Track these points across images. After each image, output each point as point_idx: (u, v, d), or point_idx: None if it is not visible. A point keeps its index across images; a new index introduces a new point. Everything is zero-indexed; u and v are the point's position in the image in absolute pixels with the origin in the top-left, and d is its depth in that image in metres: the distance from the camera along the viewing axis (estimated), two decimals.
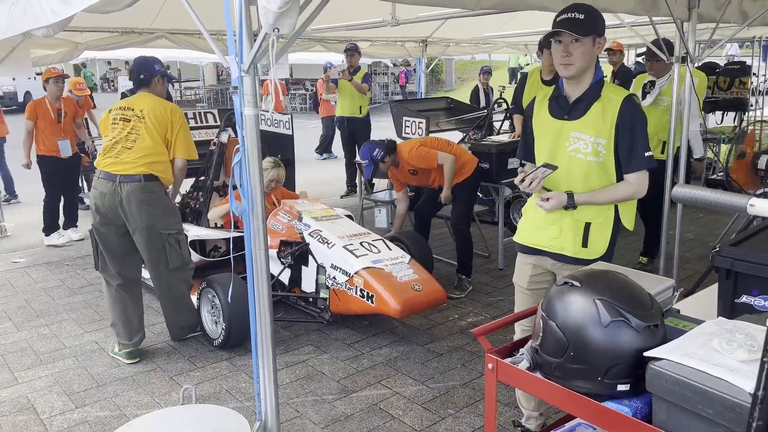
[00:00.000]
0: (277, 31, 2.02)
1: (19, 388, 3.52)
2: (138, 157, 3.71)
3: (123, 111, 3.82)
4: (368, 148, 5.02)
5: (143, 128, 3.75)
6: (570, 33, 2.33)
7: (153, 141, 3.74)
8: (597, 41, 2.37)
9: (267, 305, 2.47)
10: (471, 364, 3.69)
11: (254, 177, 2.33)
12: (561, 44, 2.39)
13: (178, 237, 3.86)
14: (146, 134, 3.74)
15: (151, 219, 3.72)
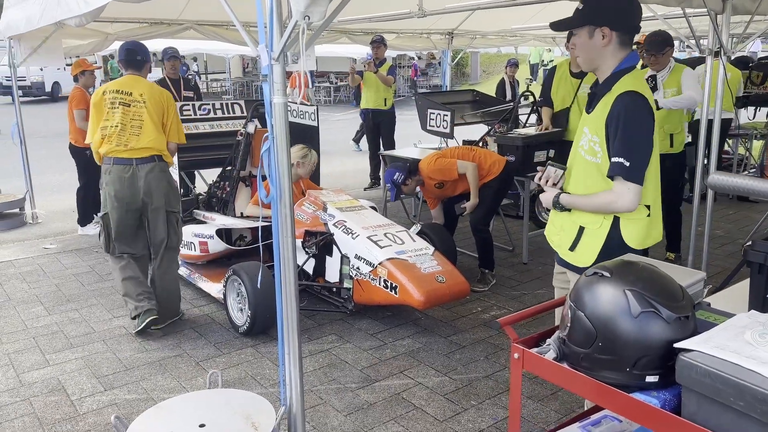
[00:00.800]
0: (308, 19, 2.04)
1: (50, 370, 3.61)
2: (148, 140, 3.89)
3: (121, 95, 3.93)
4: (390, 173, 5.06)
5: (146, 113, 3.90)
6: (556, 27, 2.34)
7: (155, 125, 3.92)
8: (595, 32, 2.17)
9: (293, 293, 2.49)
10: (494, 356, 3.68)
11: (282, 165, 2.35)
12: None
13: (178, 216, 4.14)
14: (149, 119, 3.90)
15: (166, 198, 3.95)
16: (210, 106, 5.92)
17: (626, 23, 2.20)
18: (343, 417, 3.09)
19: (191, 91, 7.11)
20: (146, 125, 3.89)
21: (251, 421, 2.46)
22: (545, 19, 8.45)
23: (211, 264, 4.96)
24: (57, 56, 6.71)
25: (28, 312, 4.43)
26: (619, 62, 2.23)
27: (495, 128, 7.17)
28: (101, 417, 3.11)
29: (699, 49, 4.22)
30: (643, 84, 2.23)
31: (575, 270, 2.35)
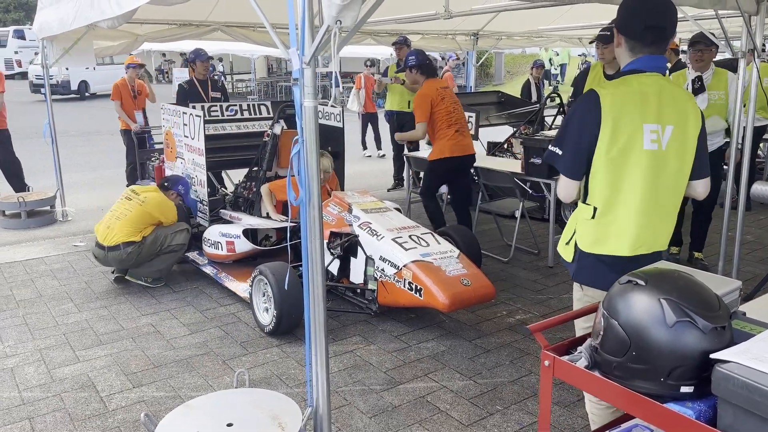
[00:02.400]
0: (339, 24, 2.05)
1: (80, 366, 3.67)
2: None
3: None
4: (415, 54, 5.56)
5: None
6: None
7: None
8: (614, 34, 2.23)
9: (321, 293, 2.50)
10: (519, 361, 3.66)
11: (312, 167, 2.37)
12: None
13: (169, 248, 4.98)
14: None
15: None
16: (237, 107, 5.98)
17: (631, 28, 2.14)
18: (367, 419, 3.10)
19: (218, 92, 7.19)
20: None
21: (278, 421, 2.48)
22: (572, 19, 8.41)
23: (237, 263, 5.01)
24: (88, 57, 6.83)
25: (58, 308, 4.51)
26: (626, 64, 2.21)
27: (520, 130, 7.14)
28: (130, 414, 3.16)
29: (732, 51, 4.14)
30: (616, 86, 2.13)
31: (565, 264, 2.38)
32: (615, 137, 2.07)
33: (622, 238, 2.14)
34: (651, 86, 2.11)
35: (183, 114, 5.30)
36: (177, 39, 7.30)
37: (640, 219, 2.12)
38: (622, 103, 2.08)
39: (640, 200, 2.11)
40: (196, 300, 4.65)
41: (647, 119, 2.09)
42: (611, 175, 2.10)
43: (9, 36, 31.81)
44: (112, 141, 12.02)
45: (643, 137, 2.09)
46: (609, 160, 2.09)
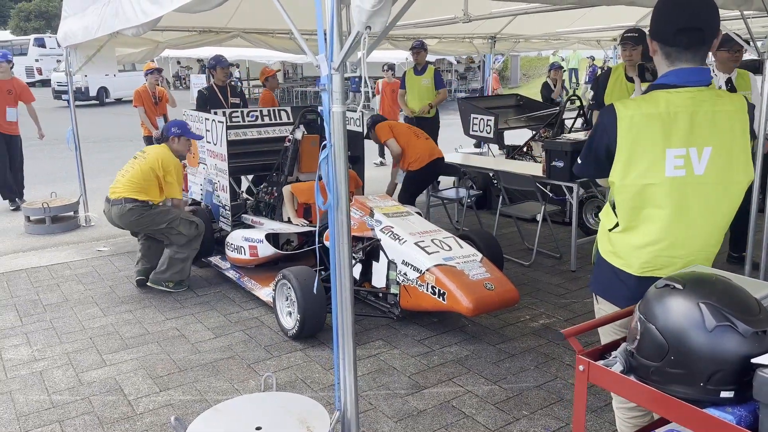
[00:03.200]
0: (369, 30, 2.06)
1: (107, 370, 3.72)
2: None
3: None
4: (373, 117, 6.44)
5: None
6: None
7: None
8: (650, 42, 2.09)
9: (349, 298, 2.52)
10: (545, 366, 3.63)
11: (340, 172, 2.38)
12: None
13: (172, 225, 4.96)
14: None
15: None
16: (258, 112, 6.03)
17: (663, 32, 1.98)
18: (393, 423, 3.10)
19: (237, 98, 7.25)
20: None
21: (306, 425, 2.49)
22: (590, 22, 8.36)
23: (259, 268, 5.04)
24: (111, 64, 6.93)
25: (84, 313, 4.57)
26: (660, 76, 2.04)
27: (540, 133, 7.11)
28: (158, 417, 3.19)
29: (758, 52, 4.09)
30: (639, 105, 1.96)
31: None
32: (631, 164, 1.96)
33: (633, 258, 2.04)
34: (682, 105, 1.92)
35: (205, 120, 5.36)
36: (197, 46, 7.38)
37: (657, 246, 1.99)
38: (640, 127, 1.94)
39: (660, 228, 1.97)
40: (220, 304, 4.69)
41: (672, 144, 1.92)
42: (630, 201, 2.00)
43: (30, 44, 32.41)
44: (132, 147, 12.16)
45: (665, 163, 1.93)
46: (625, 187, 1.99)
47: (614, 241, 2.08)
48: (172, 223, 4.83)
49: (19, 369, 3.73)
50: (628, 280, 2.04)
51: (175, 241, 4.88)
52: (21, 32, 47.38)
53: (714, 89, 2.01)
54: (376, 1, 1.96)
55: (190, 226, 4.92)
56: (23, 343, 4.08)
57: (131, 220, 4.81)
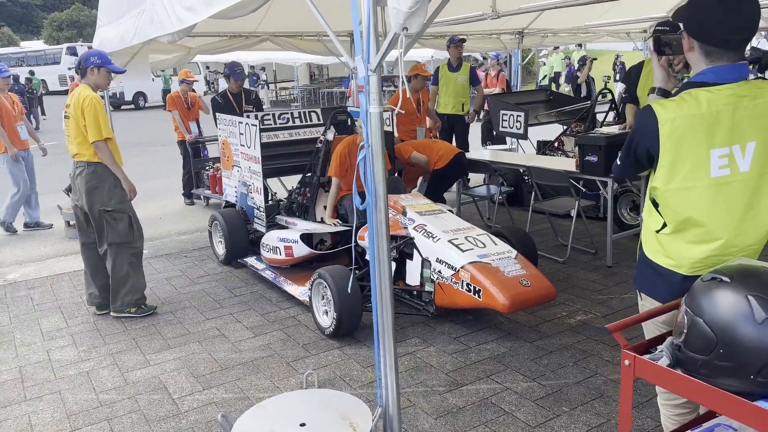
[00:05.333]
0: (406, 30, 2.08)
1: (151, 369, 3.82)
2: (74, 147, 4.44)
3: (66, 108, 4.47)
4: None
5: (71, 122, 4.38)
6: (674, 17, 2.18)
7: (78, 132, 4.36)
8: (684, 34, 2.03)
9: (389, 296, 2.54)
10: (583, 362, 3.61)
11: (378, 173, 2.41)
12: None
13: (114, 215, 4.46)
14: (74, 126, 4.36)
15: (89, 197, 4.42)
16: (289, 114, 6.10)
17: (708, 33, 1.92)
18: (433, 420, 3.12)
19: (251, 105, 7.33)
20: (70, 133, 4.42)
21: (349, 421, 2.53)
22: (619, 14, 8.25)
23: (293, 267, 5.11)
24: (144, 71, 7.06)
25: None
26: (696, 74, 2.00)
27: (572, 127, 7.04)
28: (202, 415, 3.27)
29: None
30: (679, 105, 1.91)
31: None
32: (675, 168, 1.93)
33: (685, 259, 2.00)
34: (724, 103, 1.89)
35: (239, 123, 5.45)
36: (228, 50, 7.48)
37: (708, 246, 1.96)
38: (683, 130, 1.90)
39: (710, 229, 1.94)
40: (257, 304, 4.76)
41: (715, 144, 1.89)
42: (676, 205, 1.97)
43: (63, 53, 33.24)
44: (164, 151, 12.43)
45: (710, 164, 1.90)
46: (670, 191, 1.96)
47: (663, 242, 2.05)
48: (117, 211, 4.41)
49: (67, 369, 3.86)
50: (674, 279, 2.03)
51: (108, 238, 4.43)
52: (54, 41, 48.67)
53: (752, 81, 1.96)
54: (413, 3, 1.98)
55: (129, 228, 4.49)
56: (70, 344, 4.21)
57: (85, 189, 4.36)
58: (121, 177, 4.46)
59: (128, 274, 4.54)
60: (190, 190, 8.37)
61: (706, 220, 1.95)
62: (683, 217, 1.98)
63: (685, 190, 1.95)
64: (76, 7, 57.43)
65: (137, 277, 4.61)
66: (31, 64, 34.34)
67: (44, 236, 7.16)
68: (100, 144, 4.31)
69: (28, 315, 4.78)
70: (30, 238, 7.10)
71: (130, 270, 4.55)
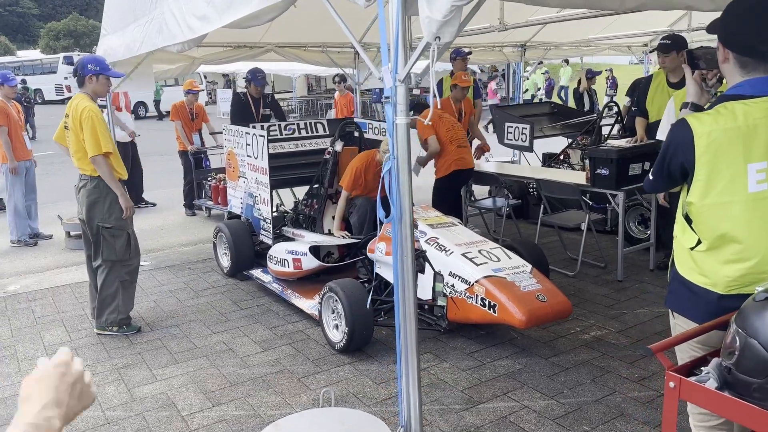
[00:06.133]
0: (438, 40, 2.04)
1: (158, 385, 3.72)
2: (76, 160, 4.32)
3: (65, 118, 4.34)
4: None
5: (71, 134, 4.27)
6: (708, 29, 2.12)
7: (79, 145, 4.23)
8: (718, 44, 1.99)
9: (413, 312, 2.48)
10: (601, 380, 3.54)
11: (404, 185, 2.35)
12: None
13: (112, 231, 4.32)
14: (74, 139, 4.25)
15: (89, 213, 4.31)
16: (295, 125, 6.05)
17: (743, 43, 1.89)
18: None
19: (268, 108, 7.28)
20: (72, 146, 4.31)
21: None
22: (621, 28, 8.26)
23: (301, 280, 5.03)
24: (148, 81, 6.99)
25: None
26: (732, 86, 1.96)
27: (577, 140, 7.02)
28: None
29: None
30: (715, 118, 1.87)
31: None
32: (711, 183, 1.89)
33: (720, 277, 1.93)
34: (760, 116, 1.84)
35: (246, 134, 5.39)
36: (232, 61, 7.44)
37: (744, 264, 1.89)
38: (719, 143, 1.86)
39: (747, 246, 1.88)
40: (264, 317, 4.68)
41: (753, 158, 1.84)
42: (712, 221, 1.91)
43: (59, 63, 33.16)
44: (165, 162, 12.33)
45: (747, 179, 1.85)
46: (706, 207, 1.91)
47: (698, 260, 1.99)
48: (116, 228, 4.27)
49: None
50: (710, 298, 1.96)
51: (104, 255, 4.31)
52: (50, 51, 48.60)
53: None
54: (448, 11, 1.93)
55: (127, 246, 4.37)
56: None
57: (86, 202, 4.24)
58: (119, 193, 4.30)
59: (116, 292, 4.39)
60: (192, 201, 8.28)
61: (742, 236, 1.89)
62: (719, 233, 1.92)
63: (721, 205, 1.90)
64: (73, 17, 57.49)
65: (126, 297, 4.45)
66: (28, 73, 34.25)
67: (45, 247, 7.06)
68: (99, 159, 4.16)
69: (30, 328, 4.67)
70: (30, 249, 7.00)
71: (120, 289, 4.40)
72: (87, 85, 4.30)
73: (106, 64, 4.45)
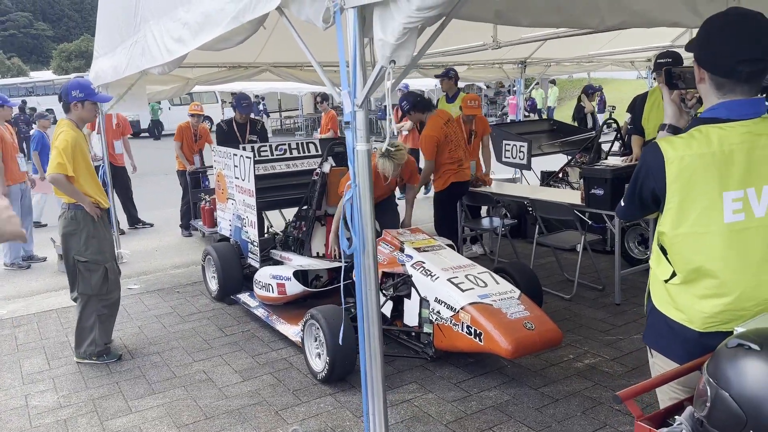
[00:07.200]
0: (393, 64, 1.93)
1: (132, 417, 3.60)
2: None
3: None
4: (404, 96, 6.24)
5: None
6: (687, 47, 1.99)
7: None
8: (698, 69, 1.86)
9: (378, 346, 2.36)
10: (592, 412, 3.37)
11: (366, 215, 2.24)
12: None
13: (85, 264, 4.18)
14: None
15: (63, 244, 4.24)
16: (286, 145, 5.97)
17: (718, 63, 1.76)
18: None
19: (255, 135, 7.22)
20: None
21: None
22: (622, 43, 8.14)
23: (289, 305, 4.90)
24: (141, 102, 6.96)
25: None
26: (707, 108, 1.83)
27: (576, 158, 6.88)
28: None
29: None
30: (688, 143, 1.74)
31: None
32: (684, 212, 1.76)
33: (696, 313, 1.79)
34: (738, 141, 1.72)
35: (234, 156, 5.31)
36: (227, 81, 7.41)
37: (721, 300, 1.75)
38: (693, 170, 1.73)
39: (723, 281, 1.74)
40: (248, 344, 4.55)
41: (728, 186, 1.72)
42: (685, 252, 1.78)
43: None
44: (164, 181, 12.33)
45: (723, 208, 1.73)
46: (679, 237, 1.78)
47: (673, 293, 1.84)
48: (91, 262, 4.14)
49: (44, 417, 3.64)
50: (689, 336, 1.81)
51: (80, 288, 4.22)
52: (62, 72, 49.32)
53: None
54: (400, 34, 1.83)
55: (104, 281, 4.22)
56: (50, 389, 4.00)
57: (62, 232, 4.16)
58: (84, 203, 4.12)
59: (93, 326, 4.26)
60: (188, 222, 8.22)
61: (718, 269, 1.75)
62: (694, 266, 1.78)
63: (695, 235, 1.77)
64: (85, 38, 58.42)
65: (103, 330, 4.31)
66: (40, 93, 34.70)
67: (37, 270, 7.00)
68: (57, 177, 3.99)
69: (10, 356, 4.58)
70: (22, 272, 6.94)
71: (97, 322, 4.26)
72: (72, 112, 4.22)
73: (92, 89, 4.34)
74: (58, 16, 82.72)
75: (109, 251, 4.32)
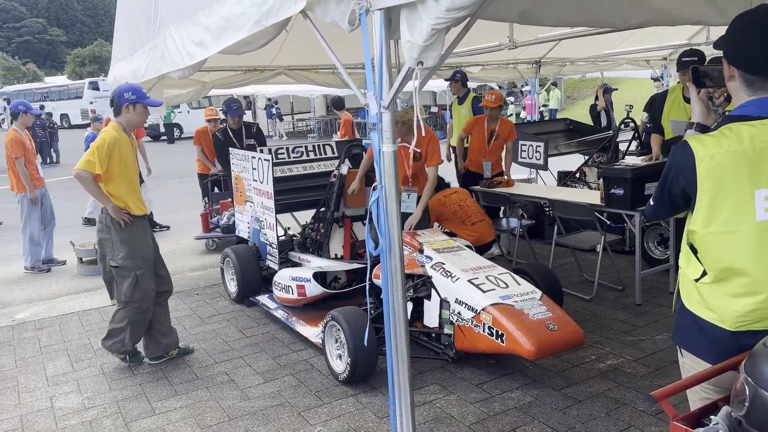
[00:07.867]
0: (421, 65, 1.93)
1: (156, 419, 3.62)
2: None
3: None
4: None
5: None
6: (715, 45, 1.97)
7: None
8: (724, 61, 1.85)
9: (405, 347, 2.36)
10: (616, 413, 3.35)
11: (392, 215, 2.24)
12: None
13: (119, 271, 4.15)
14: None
15: (101, 249, 4.24)
16: (303, 148, 5.99)
17: (748, 59, 1.75)
18: None
19: (252, 138, 7.23)
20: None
21: None
22: (637, 42, 8.09)
23: (308, 306, 4.92)
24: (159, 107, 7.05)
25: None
26: (738, 106, 1.82)
27: (594, 158, 6.85)
28: None
29: None
30: (719, 141, 1.73)
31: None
32: (715, 210, 1.75)
33: (728, 312, 1.78)
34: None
35: (252, 158, 5.34)
36: (243, 84, 7.45)
37: (753, 298, 1.73)
38: (723, 168, 1.72)
39: (756, 279, 1.72)
40: (269, 345, 4.57)
41: (760, 184, 1.71)
42: (717, 251, 1.77)
43: (85, 88, 33.97)
44: (184, 184, 12.42)
45: (755, 207, 1.71)
46: (710, 236, 1.77)
47: (703, 292, 1.83)
48: (122, 268, 4.10)
49: (69, 418, 3.68)
50: (719, 335, 1.79)
51: (116, 292, 4.23)
52: (76, 76, 49.85)
53: None
54: (429, 36, 1.83)
55: (135, 289, 4.14)
56: (74, 391, 4.04)
57: (97, 237, 4.17)
58: (109, 208, 4.08)
59: (125, 329, 4.23)
60: None
61: (750, 268, 1.73)
62: (725, 265, 1.77)
63: (726, 234, 1.75)
64: (98, 43, 58.98)
65: (133, 334, 4.27)
66: (55, 98, 35.13)
67: (58, 273, 7.08)
68: (81, 173, 3.96)
69: (34, 358, 4.63)
70: (43, 276, 7.02)
71: (129, 326, 4.22)
72: (123, 114, 4.18)
73: (144, 93, 4.31)
74: (72, 21, 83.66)
75: (143, 258, 4.19)
